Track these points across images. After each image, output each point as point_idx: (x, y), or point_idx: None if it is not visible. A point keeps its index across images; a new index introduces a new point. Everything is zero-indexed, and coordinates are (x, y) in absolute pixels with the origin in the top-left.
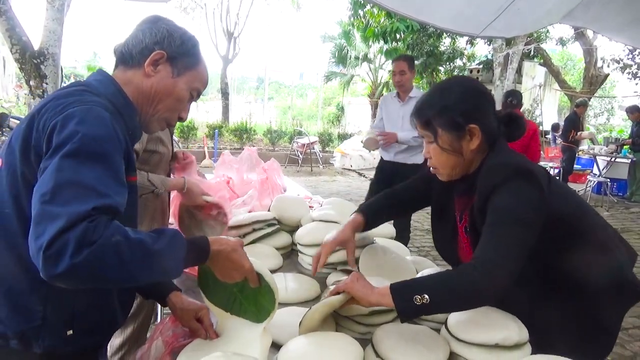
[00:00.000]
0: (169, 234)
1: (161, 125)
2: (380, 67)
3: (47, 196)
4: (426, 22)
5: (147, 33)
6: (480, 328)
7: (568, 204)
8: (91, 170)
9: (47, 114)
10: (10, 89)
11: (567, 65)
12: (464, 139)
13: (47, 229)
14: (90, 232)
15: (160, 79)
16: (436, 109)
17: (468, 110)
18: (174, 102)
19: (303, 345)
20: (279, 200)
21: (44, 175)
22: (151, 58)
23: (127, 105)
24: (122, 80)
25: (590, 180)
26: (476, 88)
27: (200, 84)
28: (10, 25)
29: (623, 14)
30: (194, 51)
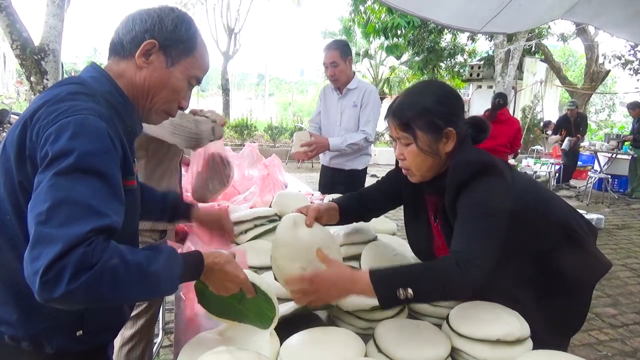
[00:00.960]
0: (166, 254)
1: (161, 116)
2: (381, 63)
3: (42, 216)
4: (427, 18)
5: (137, 20)
6: (481, 323)
7: (529, 192)
8: (87, 187)
9: (40, 123)
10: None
11: (568, 62)
12: (441, 141)
13: (44, 253)
14: (88, 257)
15: (154, 70)
16: (416, 111)
17: (446, 114)
18: (170, 93)
19: (305, 340)
20: (280, 196)
21: (38, 192)
22: (142, 49)
23: (124, 102)
24: (115, 72)
25: (591, 177)
26: (452, 92)
27: (198, 70)
28: (11, 21)
29: (624, 10)
30: (188, 35)
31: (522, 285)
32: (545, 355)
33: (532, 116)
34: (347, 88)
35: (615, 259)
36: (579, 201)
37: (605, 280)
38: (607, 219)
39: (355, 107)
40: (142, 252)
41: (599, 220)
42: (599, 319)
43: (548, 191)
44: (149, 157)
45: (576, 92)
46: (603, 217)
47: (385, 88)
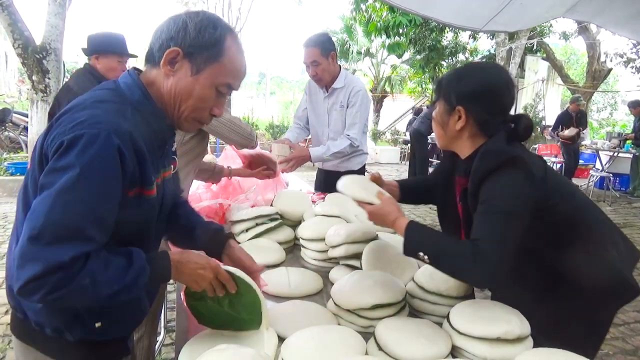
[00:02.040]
0: (136, 268)
1: (193, 124)
2: (382, 62)
3: (34, 231)
4: (429, 17)
5: (165, 28)
6: (482, 321)
7: (563, 197)
8: (81, 206)
9: (59, 129)
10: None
11: (570, 60)
12: (451, 116)
13: (26, 267)
14: (63, 281)
15: (179, 79)
16: (447, 82)
17: (463, 94)
18: (197, 102)
19: (306, 339)
20: (281, 195)
21: (38, 204)
22: (165, 57)
23: (154, 112)
24: (147, 80)
25: (593, 175)
26: (493, 84)
27: (229, 77)
28: (13, 20)
29: (626, 8)
30: (213, 40)
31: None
32: (546, 353)
33: (533, 115)
34: (332, 87)
35: None
36: None
37: None
38: (609, 217)
39: (342, 108)
40: (114, 267)
41: None
42: None
43: (589, 203)
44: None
45: (578, 90)
46: None
47: (386, 87)
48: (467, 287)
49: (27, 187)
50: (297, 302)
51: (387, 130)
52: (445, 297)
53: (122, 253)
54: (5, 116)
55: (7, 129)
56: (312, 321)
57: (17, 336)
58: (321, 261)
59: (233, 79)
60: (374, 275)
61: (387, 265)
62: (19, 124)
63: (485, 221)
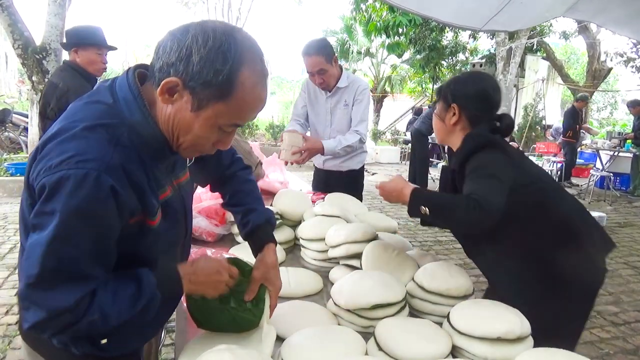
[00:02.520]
0: (146, 295)
1: (193, 154)
2: (382, 62)
3: (32, 279)
4: (428, 16)
5: (167, 47)
6: (482, 321)
7: (539, 178)
8: (78, 249)
9: (46, 162)
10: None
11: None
12: (448, 112)
13: (31, 311)
14: (71, 322)
15: (178, 110)
16: (446, 86)
17: (458, 95)
18: (196, 139)
19: (306, 339)
20: (281, 195)
21: (32, 250)
22: (162, 86)
23: (154, 135)
24: (150, 98)
25: (593, 175)
26: (481, 87)
27: (236, 118)
28: (12, 21)
29: (626, 8)
30: (221, 79)
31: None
32: (546, 353)
33: (534, 114)
34: (336, 87)
35: (617, 256)
36: (580, 199)
37: (607, 278)
38: (609, 217)
39: (347, 107)
40: (123, 298)
41: (601, 218)
42: (600, 317)
43: (560, 186)
44: None
45: (578, 89)
46: (605, 215)
47: (386, 86)
48: (468, 287)
49: (24, 209)
50: (297, 302)
51: (387, 130)
52: (446, 297)
53: (130, 279)
54: (5, 117)
55: (7, 130)
56: (312, 321)
57: (26, 341)
58: (321, 261)
59: (242, 118)
60: (374, 275)
61: (387, 265)
62: (19, 125)
63: (474, 181)
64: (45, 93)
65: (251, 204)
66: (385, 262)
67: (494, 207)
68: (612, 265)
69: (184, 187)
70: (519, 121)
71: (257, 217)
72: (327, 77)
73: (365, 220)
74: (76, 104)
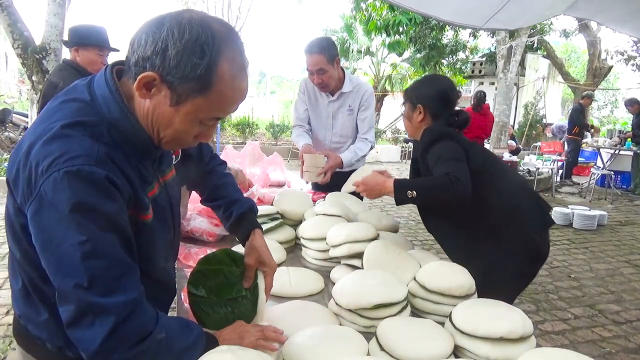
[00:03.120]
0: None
1: (175, 147)
2: (382, 61)
3: (85, 284)
4: (429, 15)
5: (143, 40)
6: (484, 321)
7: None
8: (112, 244)
9: (34, 171)
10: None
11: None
12: (415, 112)
13: (97, 324)
14: (142, 328)
15: (157, 105)
16: (411, 89)
17: (422, 97)
18: (176, 133)
19: (307, 339)
20: (282, 195)
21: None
22: (139, 81)
23: (135, 132)
24: (127, 93)
25: (594, 173)
26: (439, 89)
27: (216, 111)
28: (12, 21)
29: (627, 5)
30: (199, 73)
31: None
32: (548, 352)
33: (534, 112)
34: (340, 92)
35: (619, 255)
36: (581, 197)
37: (608, 277)
38: (610, 215)
39: (351, 112)
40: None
41: (602, 217)
42: (602, 316)
43: (508, 169)
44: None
45: (579, 88)
46: (606, 213)
47: (387, 85)
48: (469, 287)
49: (10, 214)
50: (298, 302)
51: (387, 128)
52: (447, 297)
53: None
54: (6, 116)
55: (7, 130)
56: (314, 321)
57: (20, 344)
58: (322, 261)
59: (223, 111)
60: (375, 274)
61: (388, 264)
62: (19, 125)
63: (444, 165)
64: (45, 93)
65: (232, 196)
66: (386, 261)
67: (469, 181)
68: (613, 264)
69: (170, 184)
70: (519, 119)
71: (240, 207)
72: (327, 78)
73: (367, 220)
74: (52, 104)
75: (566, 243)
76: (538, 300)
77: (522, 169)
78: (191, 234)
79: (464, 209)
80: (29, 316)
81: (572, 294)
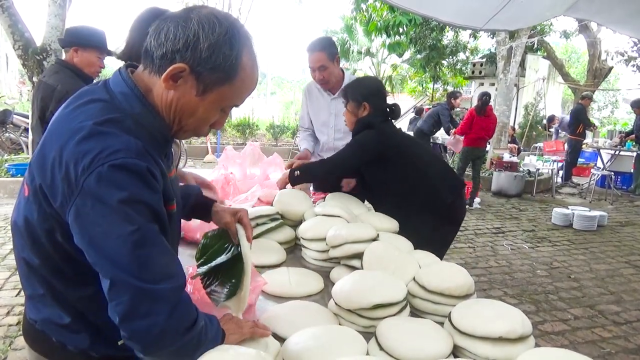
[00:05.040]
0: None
1: (189, 136)
2: (383, 61)
3: (136, 274)
4: (429, 16)
5: (171, 34)
6: (484, 321)
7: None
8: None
9: (75, 168)
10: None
11: (571, 58)
12: (361, 108)
13: (153, 314)
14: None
15: (182, 95)
16: (350, 91)
17: (365, 94)
18: (199, 121)
19: (307, 339)
20: (282, 195)
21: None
22: (168, 72)
23: (157, 124)
24: (145, 86)
25: (594, 174)
26: (376, 87)
27: (237, 98)
28: (13, 22)
29: (627, 6)
30: (228, 62)
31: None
32: (547, 352)
33: (534, 113)
34: (340, 90)
35: (619, 255)
36: (581, 198)
37: (608, 277)
38: (610, 216)
39: None
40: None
41: (602, 218)
42: (602, 316)
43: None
44: None
45: (579, 88)
46: (606, 214)
47: (387, 86)
48: (469, 287)
49: (31, 219)
50: (298, 302)
51: None
52: (447, 297)
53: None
54: (6, 117)
55: (8, 131)
56: (313, 321)
57: (34, 348)
58: (322, 261)
59: (241, 99)
60: (375, 275)
61: (388, 265)
62: (20, 126)
63: (343, 148)
64: (43, 96)
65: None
66: (386, 262)
67: (336, 165)
68: (614, 265)
69: (174, 181)
70: (519, 120)
71: (191, 189)
72: (328, 75)
73: (367, 220)
74: (66, 109)
75: (566, 244)
76: (538, 300)
77: (522, 169)
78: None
79: (394, 180)
80: (49, 321)
81: (572, 295)
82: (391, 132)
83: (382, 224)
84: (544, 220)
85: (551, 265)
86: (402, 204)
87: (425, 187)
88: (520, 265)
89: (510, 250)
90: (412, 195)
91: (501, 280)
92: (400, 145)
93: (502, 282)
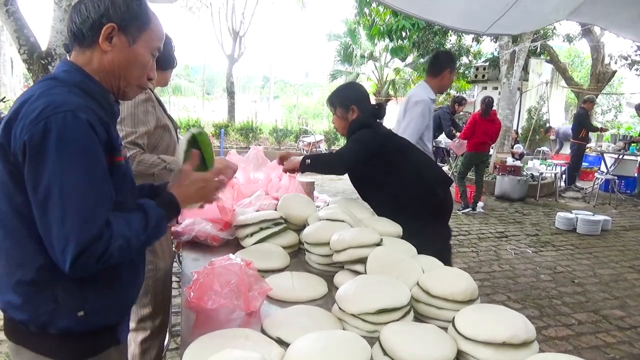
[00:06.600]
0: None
1: (136, 92)
2: (385, 65)
3: (60, 220)
4: (432, 21)
5: (90, 7)
6: (487, 326)
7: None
8: (88, 183)
9: (23, 121)
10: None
11: (574, 62)
12: (349, 112)
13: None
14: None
15: (119, 52)
16: (336, 97)
17: (352, 98)
18: (139, 69)
19: (311, 344)
20: (286, 200)
21: (49, 196)
22: (103, 34)
23: (98, 89)
24: (83, 61)
25: (598, 178)
26: (361, 91)
27: (157, 41)
28: (18, 26)
29: (630, 10)
30: (140, 10)
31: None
32: (552, 358)
33: (537, 117)
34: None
35: (623, 260)
36: (585, 202)
37: (612, 282)
38: (614, 220)
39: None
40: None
41: (606, 222)
42: (606, 322)
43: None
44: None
45: (582, 92)
46: (610, 218)
47: (390, 90)
48: (472, 292)
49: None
50: (301, 307)
51: None
52: (451, 302)
53: (135, 210)
54: None
55: None
56: (317, 326)
57: (9, 337)
58: (326, 265)
59: (160, 42)
60: (378, 279)
61: (391, 269)
62: None
63: (346, 144)
64: None
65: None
66: (389, 266)
67: (345, 158)
68: (618, 269)
69: (127, 163)
70: (522, 124)
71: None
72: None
73: (370, 225)
74: (27, 92)
75: (570, 248)
76: (542, 305)
77: (525, 173)
78: (196, 239)
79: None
80: (10, 303)
81: (576, 300)
82: (385, 130)
83: (385, 229)
84: (547, 225)
85: (555, 269)
86: (395, 198)
87: (417, 181)
88: (523, 270)
89: (514, 254)
90: (404, 190)
91: (504, 285)
92: (394, 142)
93: (505, 286)
